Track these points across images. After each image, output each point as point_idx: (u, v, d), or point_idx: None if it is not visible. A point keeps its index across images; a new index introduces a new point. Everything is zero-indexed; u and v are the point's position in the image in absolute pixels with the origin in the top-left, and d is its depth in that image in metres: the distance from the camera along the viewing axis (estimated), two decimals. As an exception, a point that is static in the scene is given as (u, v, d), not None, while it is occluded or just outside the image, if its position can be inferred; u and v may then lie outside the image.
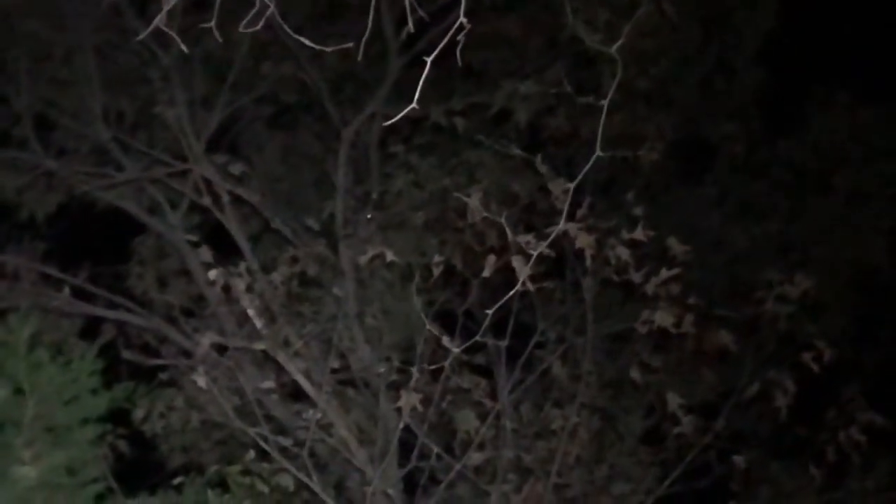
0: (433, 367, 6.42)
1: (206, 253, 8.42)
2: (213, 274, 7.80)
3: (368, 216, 8.44)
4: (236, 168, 8.78)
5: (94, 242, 9.54)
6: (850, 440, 7.49)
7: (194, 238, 8.72)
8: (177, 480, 7.65)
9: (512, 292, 4.56)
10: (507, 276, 6.45)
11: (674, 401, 7.37)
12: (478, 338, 5.28)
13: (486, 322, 4.80)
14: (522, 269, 5.70)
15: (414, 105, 3.61)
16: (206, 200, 8.74)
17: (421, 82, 3.57)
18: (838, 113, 9.25)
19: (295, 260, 8.20)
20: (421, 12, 4.04)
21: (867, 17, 9.05)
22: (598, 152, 4.29)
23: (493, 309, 4.54)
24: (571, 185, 4.50)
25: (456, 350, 5.65)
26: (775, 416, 7.46)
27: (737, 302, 7.73)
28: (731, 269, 8.89)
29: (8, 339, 6.99)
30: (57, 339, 8.55)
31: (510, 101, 8.28)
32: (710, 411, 7.79)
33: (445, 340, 6.25)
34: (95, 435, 7.19)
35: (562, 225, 4.46)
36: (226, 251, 8.66)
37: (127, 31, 8.68)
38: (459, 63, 3.67)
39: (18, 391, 6.88)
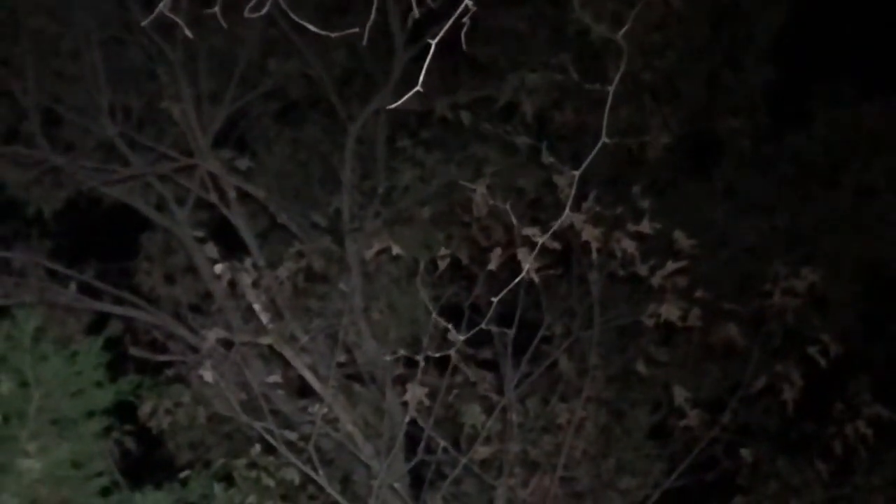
0: (439, 354, 6.40)
1: (211, 249, 8.43)
2: (218, 268, 7.79)
3: (375, 211, 8.44)
4: (243, 163, 8.79)
5: (101, 239, 9.53)
6: (857, 434, 7.47)
7: (201, 234, 8.74)
8: (183, 474, 7.65)
9: (516, 280, 4.55)
10: (513, 270, 6.45)
11: (680, 394, 7.36)
12: (482, 326, 5.25)
13: (491, 311, 4.78)
14: (527, 260, 5.70)
15: (419, 88, 3.58)
16: (213, 196, 8.75)
17: (426, 65, 3.55)
18: (845, 108, 9.22)
19: (301, 255, 8.20)
20: (429, 1, 4.02)
21: (874, 11, 9.02)
22: (605, 138, 4.26)
23: (498, 297, 4.52)
24: (577, 173, 4.48)
25: (460, 339, 5.62)
26: (782, 410, 7.44)
27: (744, 296, 7.70)
28: (738, 263, 8.86)
29: (13, 332, 6.99)
30: (64, 335, 8.55)
31: (516, 94, 8.27)
32: (717, 405, 7.77)
33: (451, 331, 6.23)
34: (101, 428, 7.19)
35: (566, 212, 4.43)
36: (233, 247, 8.67)
37: (133, 26, 8.69)
38: (464, 47, 3.64)
39: (24, 384, 6.88)
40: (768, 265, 7.60)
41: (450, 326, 6.11)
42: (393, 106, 3.49)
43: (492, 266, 6.59)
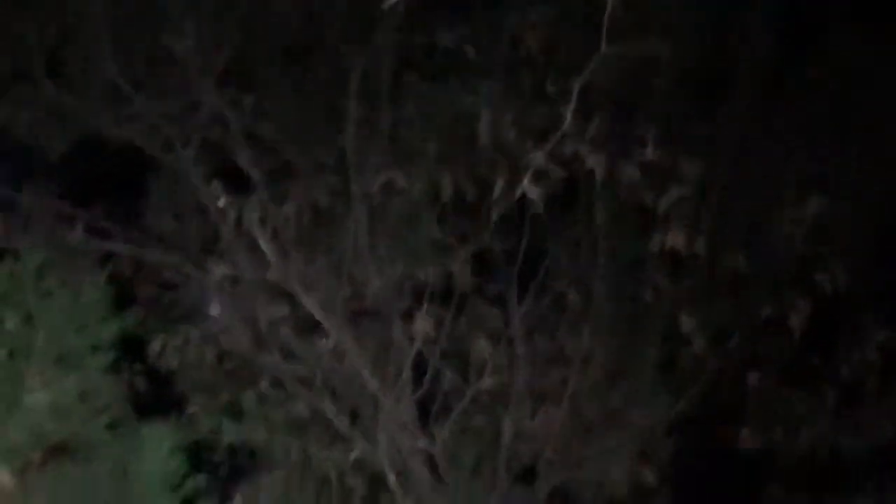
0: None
1: (217, 187, 8.44)
2: (222, 202, 7.79)
3: (380, 147, 8.41)
4: (248, 102, 8.76)
5: (108, 180, 9.53)
6: (865, 361, 7.43)
7: (207, 173, 8.72)
8: (191, 409, 7.68)
9: (517, 196, 4.51)
10: (518, 205, 6.43)
11: (687, 323, 7.33)
12: (484, 248, 5.23)
13: (491, 224, 4.75)
14: (529, 185, 5.66)
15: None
16: (218, 135, 8.73)
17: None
18: (859, 36, 9.05)
19: (307, 191, 8.19)
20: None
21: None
22: (604, 48, 4.20)
23: (498, 213, 4.49)
24: (577, 85, 4.43)
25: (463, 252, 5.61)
26: (790, 340, 7.40)
27: (752, 224, 7.64)
28: (747, 194, 8.74)
29: (16, 270, 7.01)
30: (71, 276, 8.56)
31: (520, 27, 8.20)
32: (725, 337, 7.74)
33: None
34: (107, 362, 7.22)
35: (567, 122, 4.38)
36: (239, 187, 8.66)
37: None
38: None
39: (28, 319, 6.90)
40: (778, 196, 7.53)
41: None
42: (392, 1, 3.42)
43: (495, 194, 6.56)
